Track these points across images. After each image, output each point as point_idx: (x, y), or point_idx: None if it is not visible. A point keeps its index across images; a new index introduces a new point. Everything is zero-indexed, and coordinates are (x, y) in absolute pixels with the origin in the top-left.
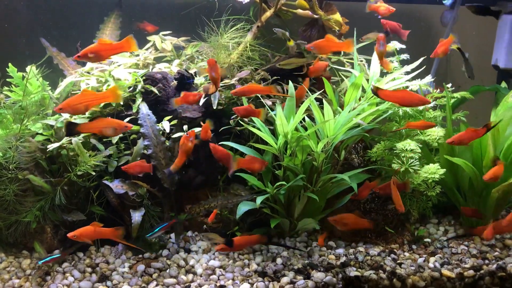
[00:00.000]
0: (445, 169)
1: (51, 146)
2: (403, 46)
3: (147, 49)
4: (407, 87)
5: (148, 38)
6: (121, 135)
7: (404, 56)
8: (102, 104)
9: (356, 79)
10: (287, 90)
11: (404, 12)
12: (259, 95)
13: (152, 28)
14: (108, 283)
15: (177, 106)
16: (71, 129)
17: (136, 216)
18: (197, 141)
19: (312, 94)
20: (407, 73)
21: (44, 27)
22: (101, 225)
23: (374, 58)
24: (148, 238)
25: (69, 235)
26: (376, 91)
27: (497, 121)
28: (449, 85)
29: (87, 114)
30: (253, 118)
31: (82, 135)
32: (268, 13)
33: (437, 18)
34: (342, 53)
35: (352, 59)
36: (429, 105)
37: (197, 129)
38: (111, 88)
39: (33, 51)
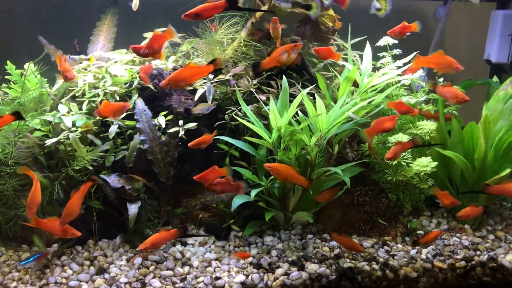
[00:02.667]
0: (437, 162)
1: (49, 141)
2: (396, 41)
3: None
4: (399, 81)
5: (144, 35)
6: (117, 130)
7: (397, 51)
8: (99, 99)
9: (349, 73)
10: (280, 86)
11: (396, 7)
12: (253, 90)
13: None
14: (106, 275)
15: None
16: (256, 69)
17: (133, 208)
18: None
19: (305, 88)
20: (399, 67)
21: (41, 25)
22: None
23: (366, 53)
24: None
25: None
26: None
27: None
28: (441, 79)
29: (84, 110)
30: (247, 113)
31: (80, 130)
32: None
33: (430, 13)
34: (336, 49)
35: (345, 54)
36: (421, 99)
37: (191, 124)
38: None
39: (31, 48)
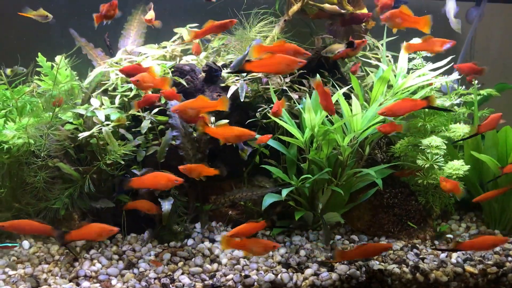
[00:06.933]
0: (469, 166)
1: (82, 135)
2: None
3: (173, 42)
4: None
5: (175, 30)
6: (149, 125)
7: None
8: (131, 94)
9: (384, 73)
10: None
11: (428, 9)
12: (286, 88)
13: None
14: (135, 270)
15: None
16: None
17: (166, 205)
18: None
19: (336, 88)
20: (434, 69)
21: (72, 18)
22: None
23: (402, 53)
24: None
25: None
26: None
27: None
28: (476, 82)
29: (116, 104)
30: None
31: (112, 124)
32: (295, 7)
33: (462, 15)
34: (367, 48)
35: (377, 54)
36: (455, 102)
37: (223, 121)
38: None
39: (62, 41)
